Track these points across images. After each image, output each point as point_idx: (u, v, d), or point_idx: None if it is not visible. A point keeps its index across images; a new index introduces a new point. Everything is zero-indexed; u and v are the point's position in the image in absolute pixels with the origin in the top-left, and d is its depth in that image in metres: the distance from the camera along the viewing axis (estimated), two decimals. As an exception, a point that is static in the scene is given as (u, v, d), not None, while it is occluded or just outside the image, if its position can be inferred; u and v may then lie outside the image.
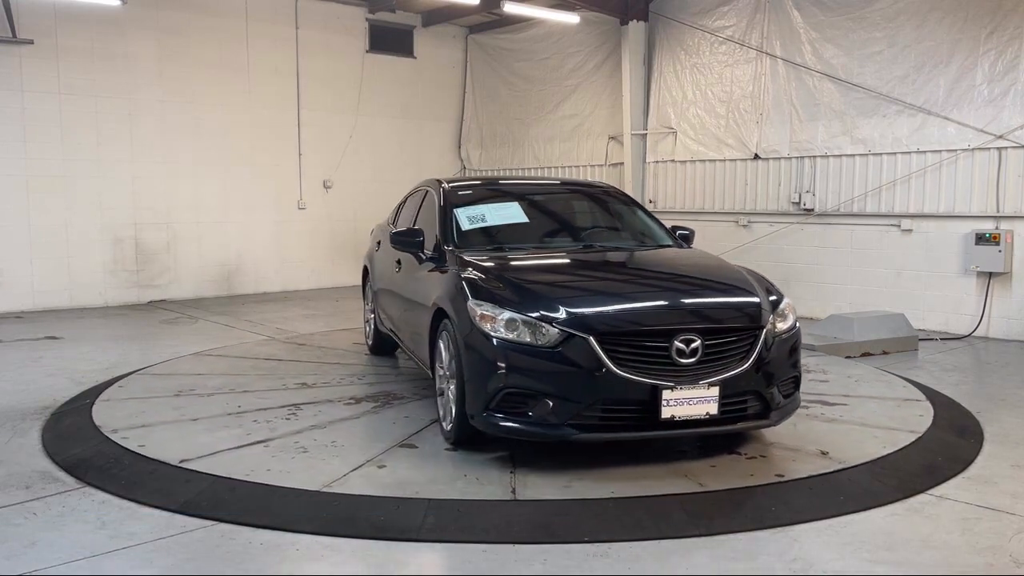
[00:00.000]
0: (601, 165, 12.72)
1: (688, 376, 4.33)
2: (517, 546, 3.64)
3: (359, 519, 3.90)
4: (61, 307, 10.69)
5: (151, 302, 11.36)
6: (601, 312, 4.51)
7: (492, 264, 5.16)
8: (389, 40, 13.66)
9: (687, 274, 5.24)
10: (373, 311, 7.52)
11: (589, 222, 6.43)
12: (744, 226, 10.85)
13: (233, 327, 9.32)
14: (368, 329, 7.79)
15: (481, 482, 4.36)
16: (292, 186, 12.72)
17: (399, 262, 6.31)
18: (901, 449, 4.90)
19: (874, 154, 9.54)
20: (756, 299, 4.76)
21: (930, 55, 9.00)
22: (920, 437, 5.13)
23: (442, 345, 5.01)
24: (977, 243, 8.68)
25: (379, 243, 7.39)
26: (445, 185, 6.26)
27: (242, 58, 12.06)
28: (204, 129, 11.77)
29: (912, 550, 3.63)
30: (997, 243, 8.53)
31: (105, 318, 10.08)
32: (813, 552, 3.60)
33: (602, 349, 4.27)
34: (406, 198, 7.37)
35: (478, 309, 4.54)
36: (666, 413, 4.28)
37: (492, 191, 6.56)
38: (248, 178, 12.21)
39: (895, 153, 9.36)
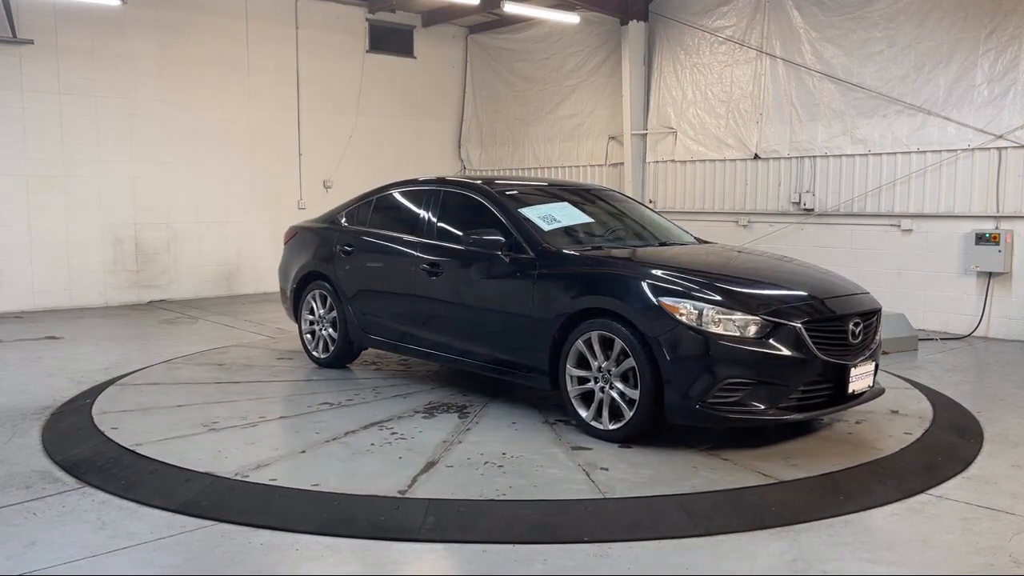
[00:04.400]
0: (601, 165, 12.73)
1: (856, 354, 4.91)
2: (516, 546, 3.63)
3: (359, 519, 3.90)
4: (61, 307, 10.69)
5: (151, 302, 11.36)
6: (800, 302, 4.87)
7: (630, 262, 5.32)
8: (389, 40, 13.66)
9: (799, 267, 5.66)
10: (336, 323, 6.84)
11: (625, 221, 6.46)
12: (744, 226, 10.85)
13: (233, 327, 9.32)
14: (321, 342, 7.04)
15: (720, 470, 4.49)
16: (292, 186, 12.73)
17: (435, 266, 5.99)
18: (901, 449, 4.90)
19: (874, 154, 9.54)
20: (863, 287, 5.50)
21: (930, 55, 9.00)
22: (920, 437, 5.13)
23: (584, 348, 5.02)
24: (977, 243, 8.69)
25: (349, 247, 6.77)
26: (486, 186, 6.15)
27: (242, 58, 12.06)
28: (204, 129, 11.77)
29: (912, 550, 3.63)
30: (997, 243, 8.54)
31: (105, 318, 10.08)
32: (813, 552, 3.60)
33: (808, 335, 4.65)
34: (374, 198, 6.94)
35: (678, 305, 4.67)
36: (850, 388, 4.84)
37: (533, 192, 6.42)
38: (248, 178, 12.21)
39: (895, 153, 9.37)
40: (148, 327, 9.48)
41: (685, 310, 4.65)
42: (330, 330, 6.97)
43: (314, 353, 7.16)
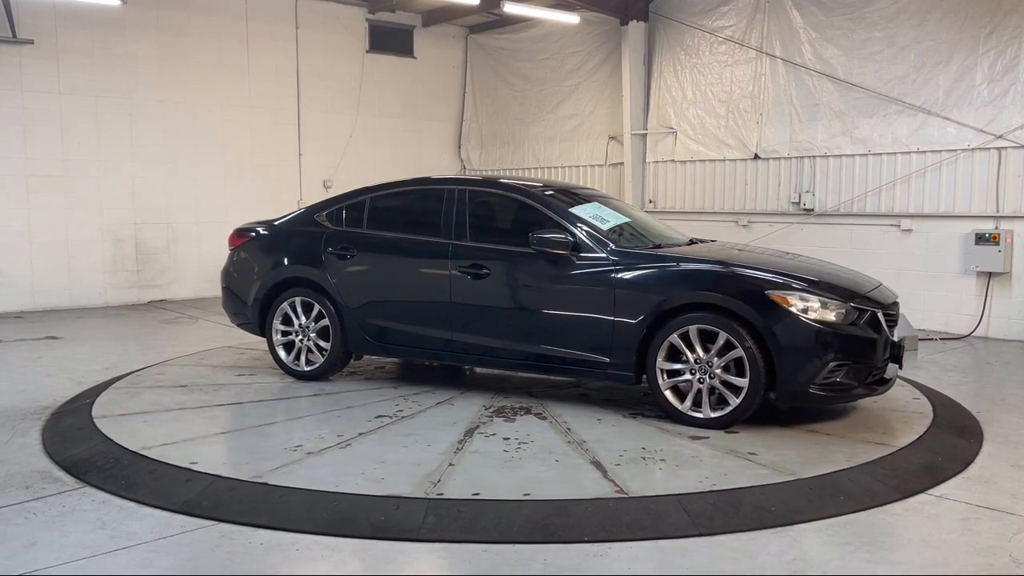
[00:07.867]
0: (601, 165, 12.72)
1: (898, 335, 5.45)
2: (517, 546, 3.63)
3: (359, 519, 3.90)
4: (61, 307, 10.69)
5: (151, 302, 11.36)
6: (868, 292, 5.41)
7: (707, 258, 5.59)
8: (389, 40, 13.67)
9: (828, 264, 6.16)
10: (325, 332, 6.37)
11: (634, 223, 6.49)
12: (744, 226, 10.85)
13: (233, 327, 9.29)
14: (304, 353, 6.47)
15: (840, 444, 4.90)
16: (292, 186, 12.72)
17: (479, 268, 5.79)
18: (901, 449, 4.89)
19: (874, 154, 9.54)
20: None
21: (930, 55, 9.00)
22: (920, 437, 5.13)
23: (680, 341, 5.20)
24: (977, 243, 8.68)
25: (345, 250, 6.35)
26: (527, 186, 6.15)
27: (242, 58, 12.06)
28: (204, 129, 11.77)
29: (912, 550, 3.63)
30: (997, 243, 8.54)
31: (105, 318, 10.08)
32: (813, 552, 3.60)
33: (884, 319, 5.25)
34: (366, 198, 6.53)
35: (787, 297, 5.05)
36: (904, 364, 5.40)
37: (566, 194, 6.39)
38: (248, 178, 12.21)
39: (895, 153, 9.37)
40: (148, 327, 9.49)
41: (794, 301, 5.02)
42: (318, 340, 6.43)
43: (294, 367, 6.52)
